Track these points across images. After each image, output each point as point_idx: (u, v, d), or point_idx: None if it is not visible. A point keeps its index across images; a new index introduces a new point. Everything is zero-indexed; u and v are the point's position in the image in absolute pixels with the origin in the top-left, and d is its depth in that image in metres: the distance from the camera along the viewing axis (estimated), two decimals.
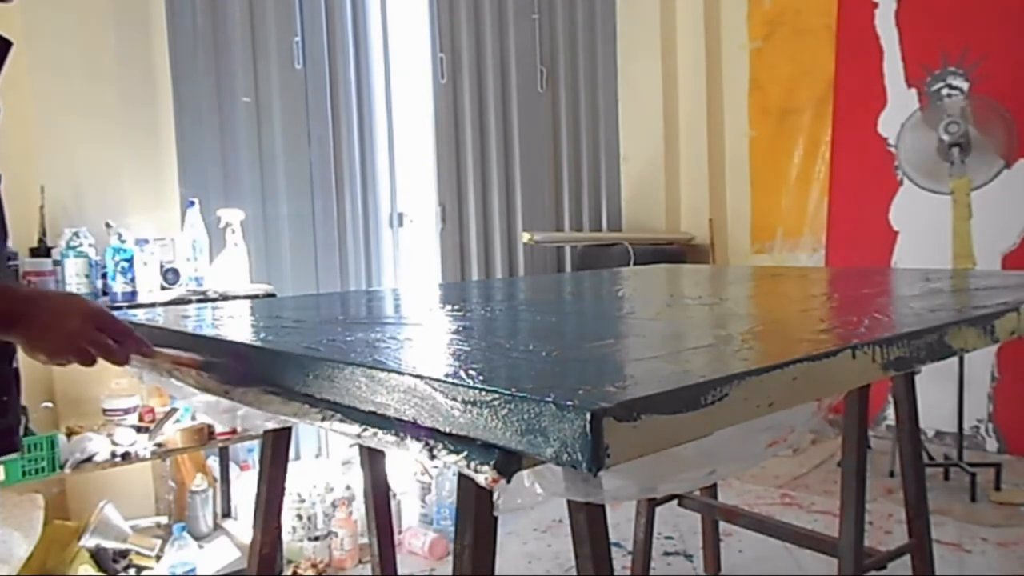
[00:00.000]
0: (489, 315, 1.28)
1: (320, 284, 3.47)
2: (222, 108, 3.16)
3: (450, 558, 2.53)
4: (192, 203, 2.59)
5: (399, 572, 1.78)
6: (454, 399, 0.65)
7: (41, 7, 2.55)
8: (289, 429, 1.51)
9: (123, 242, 2.38)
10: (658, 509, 2.27)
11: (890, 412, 3.25)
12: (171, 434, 2.34)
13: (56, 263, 2.34)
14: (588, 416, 0.54)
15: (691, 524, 2.63)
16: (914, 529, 1.89)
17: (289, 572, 2.46)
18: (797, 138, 4.26)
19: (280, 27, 3.33)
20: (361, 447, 1.74)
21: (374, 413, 0.74)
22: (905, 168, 3.35)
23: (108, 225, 2.50)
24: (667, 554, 2.57)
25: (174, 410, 2.38)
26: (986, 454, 3.44)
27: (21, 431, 0.99)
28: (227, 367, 0.98)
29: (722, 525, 2.43)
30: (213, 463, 2.78)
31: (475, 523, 0.81)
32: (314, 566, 2.47)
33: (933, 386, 3.23)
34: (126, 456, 2.23)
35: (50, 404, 2.46)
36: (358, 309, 1.38)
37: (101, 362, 0.94)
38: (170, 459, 2.63)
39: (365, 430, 0.74)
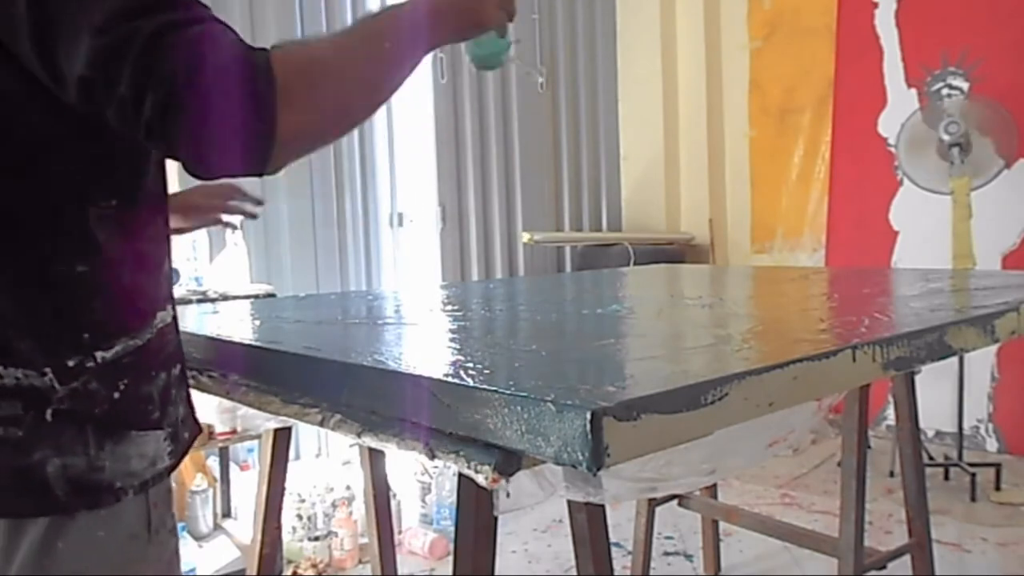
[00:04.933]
0: (489, 315, 1.28)
1: (320, 284, 3.47)
2: None
3: (450, 558, 2.53)
4: None
5: (399, 572, 1.78)
6: (454, 399, 0.65)
7: None
8: (289, 429, 1.51)
9: None
10: (658, 509, 2.27)
11: (890, 412, 3.25)
12: None
13: None
14: (588, 416, 0.54)
15: (691, 524, 2.63)
16: (914, 529, 1.89)
17: (289, 572, 2.46)
18: (797, 138, 4.26)
19: (280, 27, 3.33)
20: (361, 447, 1.74)
21: (374, 413, 0.74)
22: (905, 168, 3.35)
23: None
24: (667, 554, 2.57)
25: None
26: (986, 454, 3.44)
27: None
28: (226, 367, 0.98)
29: (722, 525, 2.43)
30: (213, 463, 2.78)
31: (475, 523, 0.81)
32: (314, 566, 2.47)
33: (933, 386, 3.23)
34: None
35: None
36: (358, 309, 1.38)
37: None
38: None
39: (365, 430, 0.74)
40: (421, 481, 2.88)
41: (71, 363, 0.69)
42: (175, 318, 0.82)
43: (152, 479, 0.75)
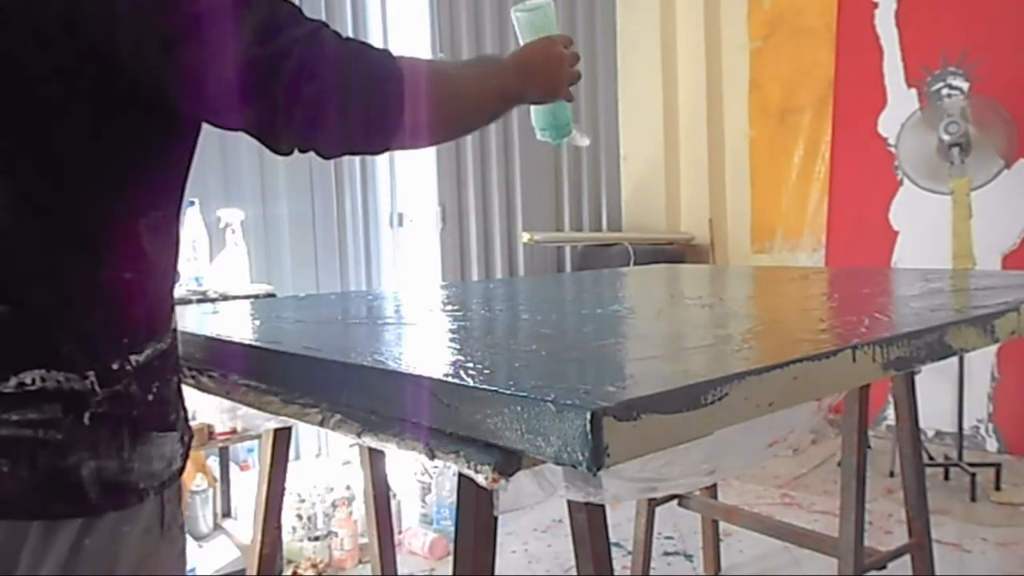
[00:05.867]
0: (489, 315, 1.28)
1: (320, 284, 3.47)
2: None
3: (450, 558, 2.53)
4: (192, 203, 2.59)
5: (399, 572, 1.78)
6: (454, 399, 0.65)
7: None
8: (289, 429, 1.51)
9: None
10: (658, 509, 2.27)
11: (890, 412, 3.25)
12: None
13: None
14: (588, 416, 0.54)
15: (691, 524, 2.63)
16: (914, 529, 1.89)
17: (289, 572, 2.46)
18: (797, 138, 4.26)
19: None
20: (361, 447, 1.74)
21: (374, 413, 0.74)
22: (905, 168, 3.35)
23: None
24: (667, 554, 2.57)
25: None
26: (986, 454, 3.44)
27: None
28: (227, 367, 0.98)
29: (722, 525, 2.43)
30: (213, 463, 2.78)
31: (475, 523, 0.81)
32: (314, 566, 2.47)
33: (933, 386, 3.23)
34: None
35: None
36: (358, 309, 1.38)
37: None
38: None
39: (365, 430, 0.74)
40: (421, 481, 2.88)
41: (115, 366, 0.71)
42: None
43: (168, 480, 0.77)
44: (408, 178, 3.84)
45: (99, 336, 0.71)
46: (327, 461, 3.41)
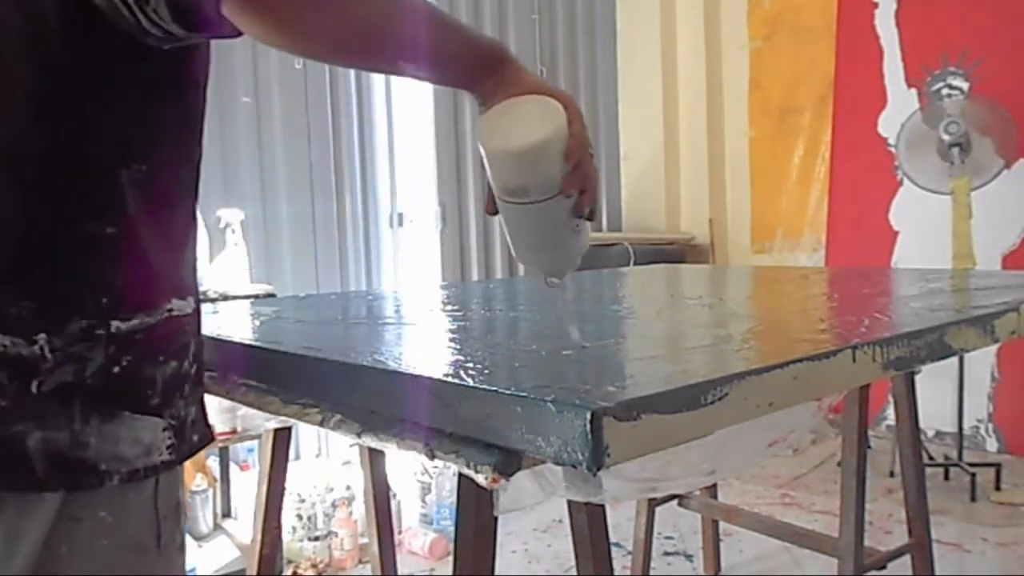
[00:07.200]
0: (489, 315, 1.28)
1: (320, 284, 3.47)
2: (222, 108, 3.16)
3: (450, 558, 2.53)
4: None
5: (399, 572, 1.78)
6: (454, 399, 0.65)
7: None
8: (289, 429, 1.51)
9: None
10: (658, 509, 2.27)
11: (890, 412, 3.25)
12: None
13: None
14: (588, 416, 0.54)
15: (691, 524, 2.63)
16: (914, 529, 1.89)
17: (289, 572, 2.46)
18: (797, 138, 4.26)
19: None
20: (361, 447, 1.74)
21: (374, 413, 0.74)
22: (905, 168, 3.35)
23: None
24: (667, 554, 2.57)
25: None
26: (986, 454, 3.44)
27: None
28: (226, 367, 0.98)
29: (722, 525, 2.43)
30: (213, 463, 2.78)
31: (475, 523, 0.81)
32: (314, 566, 2.47)
33: (933, 386, 3.23)
34: None
35: None
36: (358, 309, 1.38)
37: None
38: None
39: (365, 430, 0.74)
40: (421, 481, 2.88)
41: (73, 329, 0.64)
42: (198, 314, 0.77)
43: (145, 470, 0.69)
44: (408, 178, 3.84)
45: (61, 296, 0.63)
46: (327, 461, 3.41)
